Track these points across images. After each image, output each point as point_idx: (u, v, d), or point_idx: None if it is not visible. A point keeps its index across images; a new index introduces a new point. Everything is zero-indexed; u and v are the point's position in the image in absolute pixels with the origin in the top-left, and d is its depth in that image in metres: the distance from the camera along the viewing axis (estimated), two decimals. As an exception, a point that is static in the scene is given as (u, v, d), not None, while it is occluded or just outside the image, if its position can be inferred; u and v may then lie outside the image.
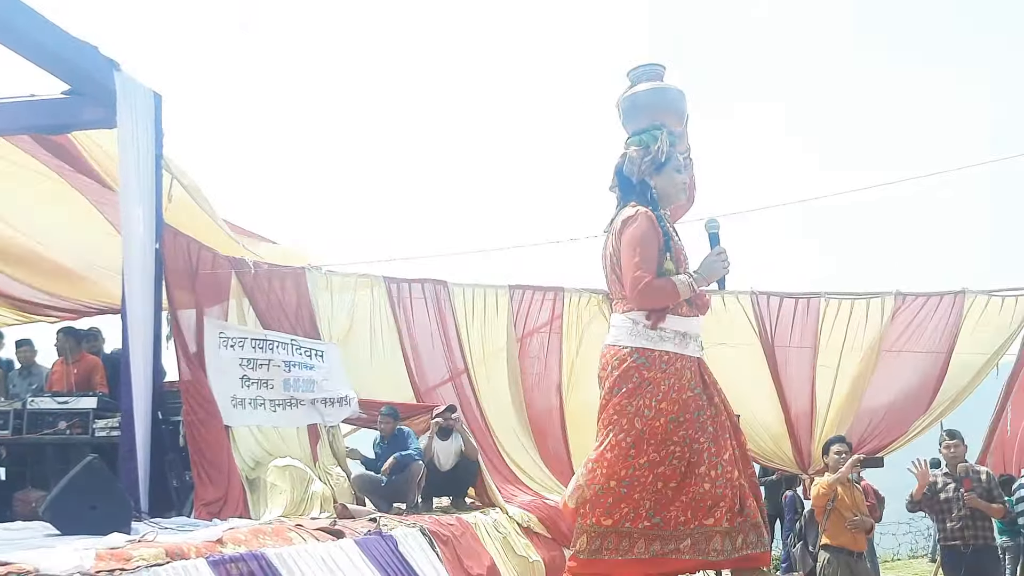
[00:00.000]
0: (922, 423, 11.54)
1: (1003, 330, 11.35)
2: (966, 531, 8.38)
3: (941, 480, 8.64)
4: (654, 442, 4.40)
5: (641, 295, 4.40)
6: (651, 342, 4.43)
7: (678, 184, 4.66)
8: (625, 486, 4.39)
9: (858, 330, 11.40)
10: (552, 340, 11.40)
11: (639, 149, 4.64)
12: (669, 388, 4.44)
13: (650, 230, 4.46)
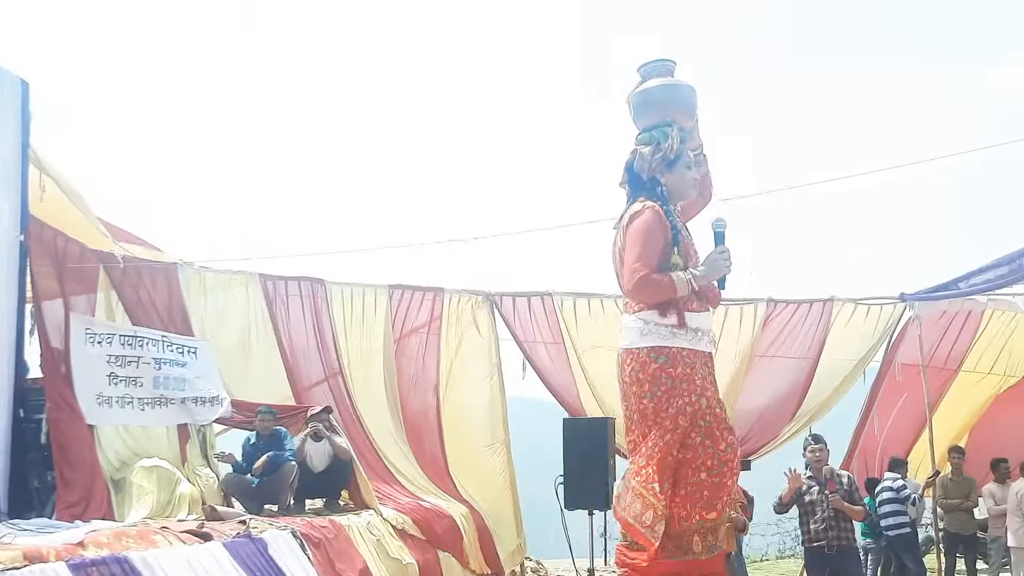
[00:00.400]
0: (792, 427, 11.83)
1: (869, 337, 11.70)
2: (829, 532, 8.59)
3: (806, 483, 8.86)
4: (725, 427, 4.53)
5: (636, 288, 4.40)
6: (664, 339, 4.44)
7: (688, 180, 4.68)
8: (716, 475, 4.44)
9: (732, 335, 11.60)
10: (430, 341, 11.35)
11: (650, 146, 4.65)
12: (702, 382, 4.51)
13: (655, 224, 4.46)
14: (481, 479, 11.22)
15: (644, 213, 4.48)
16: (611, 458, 10.04)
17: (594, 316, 11.64)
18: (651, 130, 4.66)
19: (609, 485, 10.04)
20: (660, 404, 4.41)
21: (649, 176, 4.61)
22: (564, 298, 11.61)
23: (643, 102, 4.74)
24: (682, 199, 4.68)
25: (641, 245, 4.40)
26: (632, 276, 4.38)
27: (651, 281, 4.35)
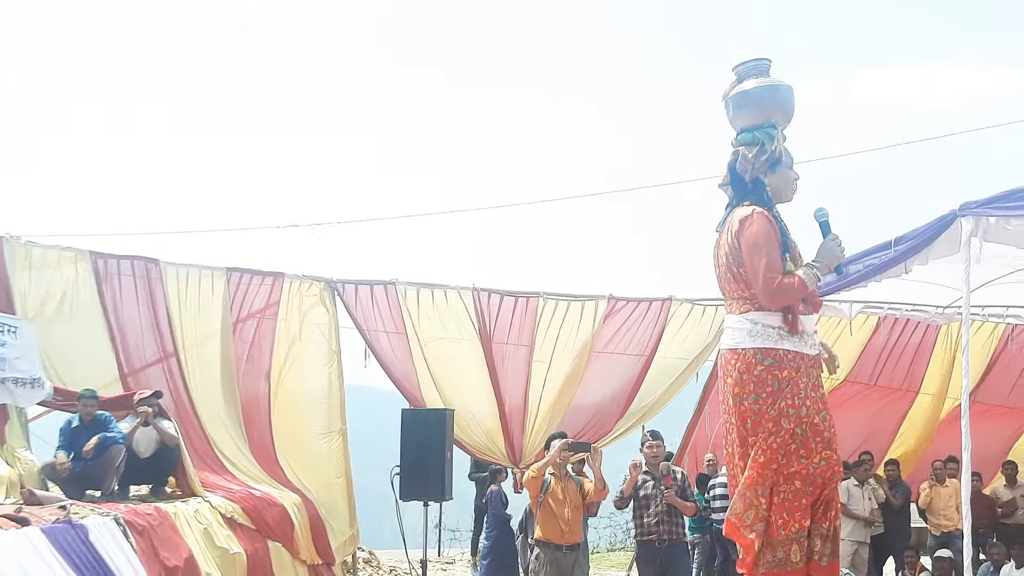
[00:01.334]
0: (627, 423, 12.10)
1: (704, 337, 12.06)
2: (661, 527, 8.75)
3: (641, 477, 9.02)
4: (820, 440, 4.41)
5: (776, 295, 4.34)
6: (772, 341, 4.39)
7: (791, 181, 4.64)
8: (811, 484, 4.39)
9: (572, 330, 11.80)
10: (267, 326, 11.17)
11: (752, 147, 4.59)
12: (807, 385, 4.42)
13: (770, 229, 4.42)
14: (315, 468, 11.11)
15: (755, 219, 4.45)
16: (449, 450, 10.11)
17: (438, 307, 11.67)
18: (753, 130, 4.62)
19: (446, 477, 10.11)
20: (764, 406, 4.36)
21: (752, 177, 4.60)
22: (408, 287, 11.61)
23: (744, 102, 4.68)
24: (783, 201, 4.66)
25: (767, 252, 4.37)
26: (769, 284, 4.34)
27: (786, 285, 4.34)
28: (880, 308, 12.23)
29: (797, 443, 4.36)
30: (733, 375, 4.45)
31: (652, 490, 8.83)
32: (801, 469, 4.37)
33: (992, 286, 11.18)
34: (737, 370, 4.43)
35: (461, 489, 13.94)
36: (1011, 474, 12.92)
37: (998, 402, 14.01)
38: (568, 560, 8.50)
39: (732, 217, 4.56)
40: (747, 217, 4.45)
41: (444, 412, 10.31)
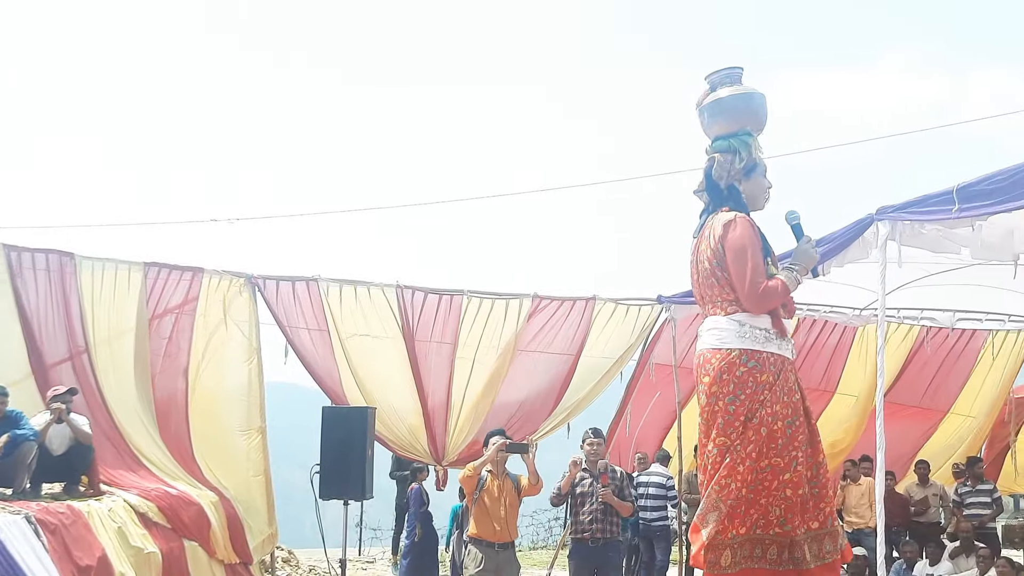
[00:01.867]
0: (552, 421, 12.15)
1: (627, 337, 12.16)
2: (595, 524, 8.73)
3: (579, 475, 8.97)
4: (774, 447, 4.36)
5: (761, 300, 4.39)
6: (758, 343, 4.41)
7: (764, 189, 4.67)
8: (752, 490, 4.34)
9: (496, 328, 11.80)
10: (185, 322, 10.99)
11: (728, 154, 4.62)
12: (782, 391, 4.42)
13: (754, 234, 4.47)
14: (233, 466, 10.95)
15: (739, 223, 4.49)
16: (370, 448, 10.04)
17: (360, 303, 11.58)
18: (728, 138, 4.66)
19: (367, 475, 10.05)
20: (739, 408, 4.37)
21: (727, 184, 4.64)
22: (331, 284, 11.51)
23: (718, 110, 4.72)
24: (756, 208, 4.69)
25: (751, 257, 4.42)
26: (755, 289, 4.39)
27: (770, 290, 4.39)
28: (799, 309, 12.43)
29: (769, 446, 4.37)
30: (712, 374, 4.46)
31: (589, 488, 8.81)
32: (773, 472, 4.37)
33: (907, 289, 11.43)
34: (717, 369, 4.44)
35: (383, 488, 13.90)
36: (923, 473, 13.21)
37: (912, 402, 14.35)
38: (501, 558, 8.52)
39: (714, 223, 4.59)
40: (731, 222, 4.50)
41: (365, 410, 10.24)
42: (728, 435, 4.39)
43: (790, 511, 4.36)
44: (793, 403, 4.45)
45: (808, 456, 4.47)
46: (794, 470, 4.39)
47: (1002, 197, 7.36)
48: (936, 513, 13.10)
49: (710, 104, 4.75)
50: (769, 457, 4.37)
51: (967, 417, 14.62)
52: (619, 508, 8.80)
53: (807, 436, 4.47)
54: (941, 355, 13.88)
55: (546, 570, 14.11)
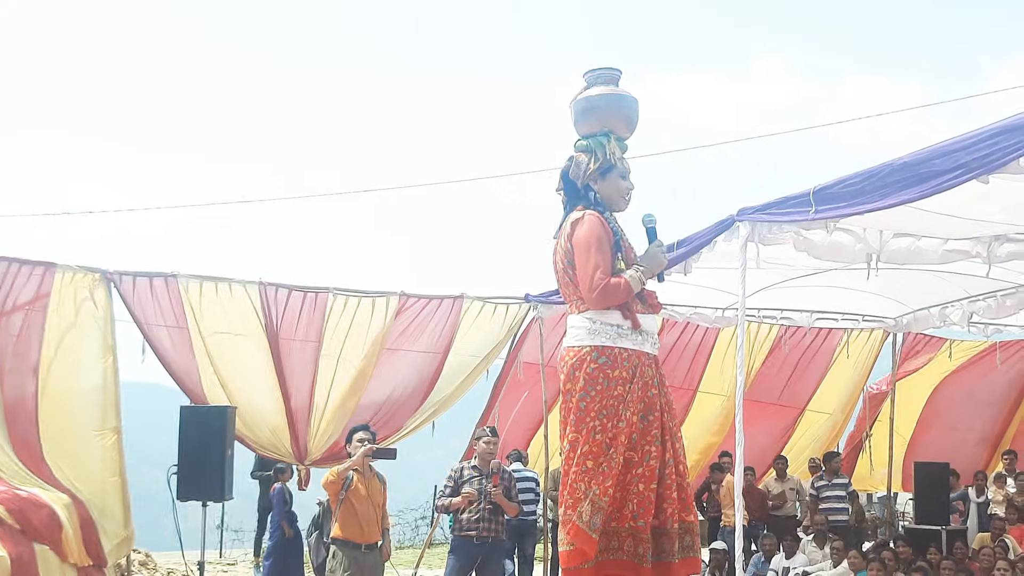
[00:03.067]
0: (417, 420, 12.08)
1: (495, 335, 12.17)
2: (482, 524, 8.72)
3: (468, 472, 8.97)
4: (627, 442, 4.34)
5: (599, 297, 4.38)
6: (610, 339, 4.40)
7: (622, 191, 4.64)
8: (640, 481, 4.35)
9: (362, 327, 11.66)
10: (35, 319, 10.53)
11: (585, 154, 4.62)
12: (635, 387, 4.40)
13: (601, 232, 4.45)
14: (87, 467, 10.55)
15: (587, 220, 4.50)
16: (229, 448, 9.84)
17: (222, 300, 11.31)
18: (589, 138, 4.67)
19: (226, 476, 9.85)
20: (591, 404, 4.37)
21: (583, 184, 4.64)
22: (190, 280, 11.20)
23: (586, 109, 4.72)
24: (615, 210, 4.69)
25: (595, 254, 4.42)
26: (595, 286, 4.38)
27: (611, 288, 4.39)
28: (664, 310, 12.62)
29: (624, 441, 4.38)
30: (566, 372, 4.50)
31: (478, 486, 8.78)
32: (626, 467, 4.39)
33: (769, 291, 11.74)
34: (570, 367, 4.48)
35: (247, 488, 13.65)
36: (781, 468, 13.60)
37: (772, 400, 14.74)
38: (367, 560, 8.42)
39: (566, 221, 4.64)
40: (579, 220, 4.54)
41: (224, 409, 10.02)
42: (580, 431, 4.41)
43: (642, 506, 4.38)
44: (648, 398, 4.49)
45: (662, 452, 4.50)
46: (647, 464, 4.42)
47: (856, 200, 7.60)
48: (793, 507, 13.50)
49: (581, 101, 4.78)
50: (623, 453, 4.38)
51: (824, 414, 15.09)
52: (507, 509, 8.86)
53: (660, 432, 4.50)
54: (798, 353, 14.27)
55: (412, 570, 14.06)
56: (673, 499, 4.50)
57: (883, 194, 7.27)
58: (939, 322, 12.97)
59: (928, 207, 7.74)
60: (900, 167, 7.13)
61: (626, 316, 4.47)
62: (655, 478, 4.43)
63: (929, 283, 11.23)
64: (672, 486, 4.51)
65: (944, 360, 15.37)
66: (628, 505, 4.40)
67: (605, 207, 4.65)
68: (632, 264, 4.58)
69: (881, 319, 13.65)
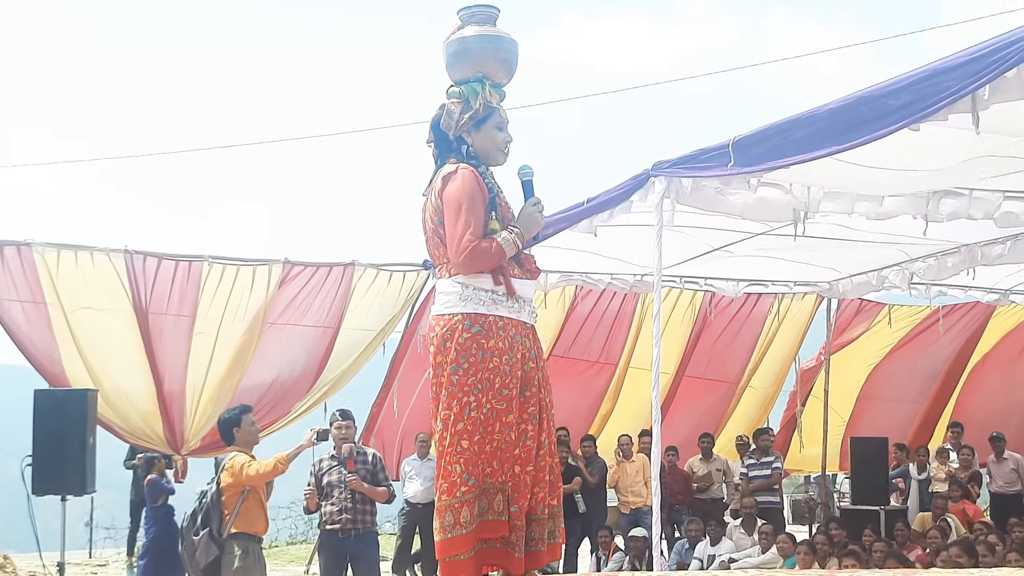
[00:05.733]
0: (307, 401, 11.89)
1: (391, 306, 12.00)
2: (345, 515, 8.52)
3: (327, 463, 8.77)
4: (504, 420, 4.20)
5: (467, 261, 4.20)
6: (484, 306, 4.24)
7: (499, 143, 4.45)
8: (480, 472, 4.21)
9: (242, 299, 11.40)
10: None
11: (458, 102, 4.43)
12: (512, 359, 4.24)
13: (475, 187, 4.26)
14: (-70, 461, 10.25)
15: (459, 175, 4.30)
16: (91, 436, 9.54)
17: (83, 271, 10.97)
18: (462, 84, 4.47)
19: (87, 467, 9.56)
20: (463, 377, 4.19)
21: (455, 135, 4.45)
22: (47, 249, 10.84)
23: (459, 51, 4.50)
24: (492, 164, 4.49)
25: (466, 212, 4.23)
26: (462, 249, 4.20)
27: (481, 251, 4.20)
28: (576, 277, 12.55)
29: (498, 418, 4.24)
30: (436, 342, 4.32)
31: (337, 476, 8.60)
32: (501, 446, 4.24)
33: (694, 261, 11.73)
34: (441, 337, 4.29)
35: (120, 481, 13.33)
36: (707, 447, 13.62)
37: (703, 374, 14.78)
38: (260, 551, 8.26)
39: (437, 176, 4.46)
40: (451, 174, 4.36)
41: (84, 393, 9.69)
42: (452, 408, 4.25)
43: (517, 490, 4.27)
44: (526, 371, 4.35)
45: (539, 432, 4.39)
46: (523, 444, 4.29)
47: (778, 152, 7.52)
48: (719, 489, 13.54)
49: (453, 42, 4.57)
50: (498, 431, 4.26)
51: (754, 388, 15.16)
52: (372, 495, 8.62)
53: (537, 409, 4.40)
54: (725, 321, 14.27)
55: (304, 565, 13.93)
56: (545, 483, 4.38)
57: (807, 146, 7.20)
58: (877, 285, 13.03)
59: (859, 160, 7.71)
60: (825, 115, 7.06)
61: (499, 282, 4.30)
62: (531, 460, 4.30)
63: (864, 246, 11.27)
64: (545, 468, 4.39)
65: (884, 329, 15.45)
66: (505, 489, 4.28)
67: (480, 161, 4.47)
68: (508, 223, 4.44)
69: (815, 284, 13.70)
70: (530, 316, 4.42)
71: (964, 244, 11.20)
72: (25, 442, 9.55)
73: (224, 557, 7.92)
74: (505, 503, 4.24)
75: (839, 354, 15.11)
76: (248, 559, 8.07)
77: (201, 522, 9.44)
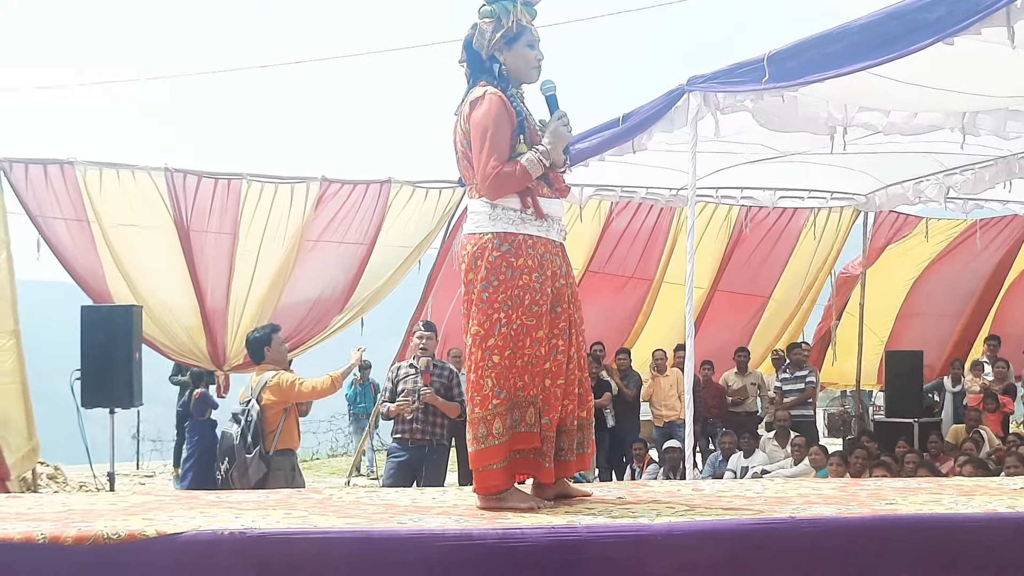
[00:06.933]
0: (343, 318, 12.07)
1: (427, 222, 12.14)
2: (415, 425, 8.68)
3: (404, 370, 8.90)
4: (534, 336, 4.32)
5: (492, 186, 4.28)
6: (513, 225, 4.32)
7: (530, 61, 4.50)
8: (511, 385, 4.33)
9: (281, 217, 11.57)
10: None
11: (490, 21, 4.45)
12: (542, 276, 4.34)
13: (501, 112, 4.33)
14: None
15: (486, 100, 4.36)
16: (136, 351, 9.78)
17: (125, 190, 11.17)
18: (493, 3, 4.50)
19: (134, 381, 9.81)
20: (494, 295, 4.29)
21: (488, 55, 4.49)
22: (89, 167, 11.03)
23: None
24: (523, 82, 4.55)
25: (491, 138, 4.30)
26: (487, 175, 4.29)
27: (504, 176, 4.29)
28: (613, 191, 12.62)
29: (528, 334, 4.35)
30: (467, 261, 4.41)
31: (413, 386, 8.73)
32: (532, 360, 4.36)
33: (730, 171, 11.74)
34: (471, 255, 4.39)
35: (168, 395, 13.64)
36: (743, 361, 13.75)
37: (739, 289, 14.84)
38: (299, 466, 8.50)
39: (466, 99, 4.52)
40: (479, 98, 4.42)
41: (129, 309, 9.91)
42: (483, 325, 4.38)
43: (547, 402, 4.42)
44: (556, 288, 4.47)
45: (568, 346, 4.53)
46: (553, 359, 4.42)
47: (813, 67, 7.55)
48: (753, 403, 13.70)
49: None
50: (528, 346, 4.40)
51: (789, 302, 15.21)
52: (444, 409, 8.71)
53: (567, 325, 4.53)
54: (760, 235, 14.31)
55: (345, 477, 14.21)
56: (574, 395, 4.52)
57: (841, 60, 7.23)
58: (913, 198, 12.97)
59: (894, 75, 7.73)
60: (857, 29, 7.07)
61: (527, 204, 4.39)
62: (561, 374, 4.43)
63: (901, 157, 11.26)
64: (574, 382, 4.53)
65: (920, 242, 15.45)
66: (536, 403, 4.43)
67: (512, 80, 4.54)
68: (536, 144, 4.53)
69: (851, 196, 13.67)
70: (559, 234, 4.50)
71: (1001, 156, 11.16)
72: (72, 358, 9.78)
73: (271, 474, 8.03)
74: (537, 415, 4.37)
75: (875, 269, 15.12)
76: (294, 474, 8.30)
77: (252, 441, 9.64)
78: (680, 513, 3.92)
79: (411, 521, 3.80)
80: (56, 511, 4.01)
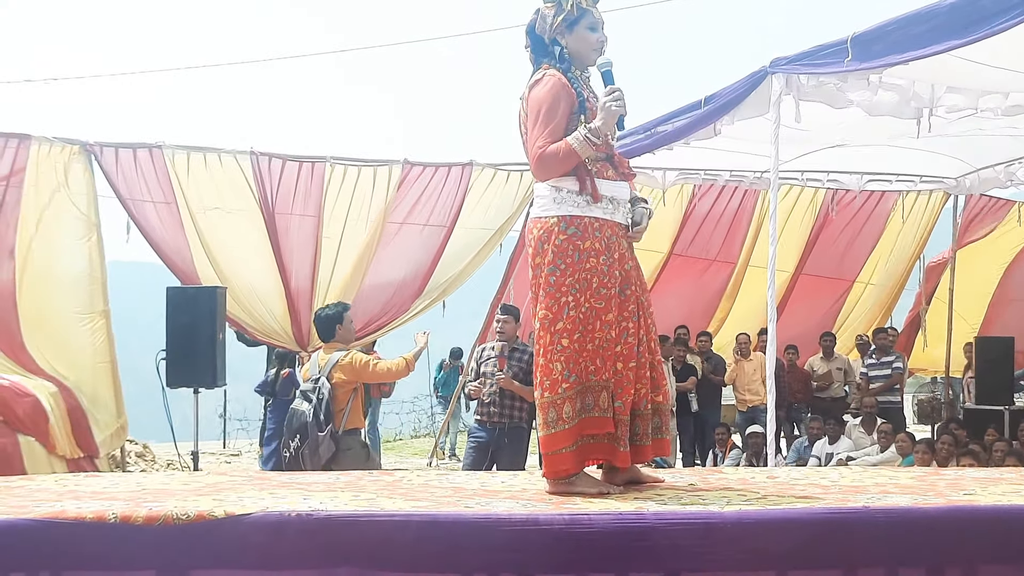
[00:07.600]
0: (424, 301, 12.13)
1: (508, 205, 12.14)
2: (493, 408, 8.75)
3: (488, 352, 8.99)
4: (604, 319, 4.33)
5: (539, 165, 4.32)
6: (578, 208, 4.33)
7: (592, 43, 4.52)
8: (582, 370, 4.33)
9: (364, 200, 11.64)
10: (11, 196, 10.56)
11: (551, 5, 4.51)
12: (609, 259, 4.36)
13: (560, 91, 4.36)
14: (73, 353, 10.73)
15: (544, 82, 4.41)
16: (220, 332, 9.92)
17: (212, 173, 11.33)
18: None
19: (217, 360, 9.96)
20: (561, 278, 4.31)
21: (550, 39, 4.54)
22: (176, 151, 11.20)
23: None
24: (585, 64, 4.57)
25: (544, 118, 4.33)
26: (533, 155, 4.34)
27: (549, 155, 4.30)
28: (696, 175, 12.49)
29: (598, 316, 4.34)
30: (534, 244, 4.44)
31: (493, 368, 8.80)
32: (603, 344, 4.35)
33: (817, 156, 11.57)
34: (538, 239, 4.41)
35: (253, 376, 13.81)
36: (828, 346, 13.55)
37: (825, 273, 14.64)
38: None
39: (528, 83, 4.54)
40: (537, 80, 4.46)
41: (214, 290, 10.05)
42: (551, 308, 4.37)
43: (620, 386, 4.39)
44: (624, 271, 4.45)
45: (638, 329, 4.49)
46: (624, 342, 4.40)
47: (897, 48, 7.39)
48: (840, 388, 13.50)
49: None
50: (598, 330, 4.38)
51: (876, 286, 14.97)
52: (522, 393, 8.67)
53: (636, 308, 4.49)
54: (846, 218, 14.09)
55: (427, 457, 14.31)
56: (646, 379, 4.48)
57: (927, 41, 7.06)
58: (1007, 181, 12.70)
59: (982, 59, 7.55)
60: (946, 9, 6.91)
61: (584, 187, 4.37)
62: (633, 357, 4.41)
63: (992, 140, 10.99)
64: (645, 365, 4.49)
65: (1013, 227, 15.10)
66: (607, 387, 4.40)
67: (574, 63, 4.54)
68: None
69: (940, 179, 13.37)
70: (624, 217, 4.47)
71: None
72: (159, 338, 9.95)
73: (341, 453, 8.04)
74: (610, 400, 4.34)
75: (967, 255, 14.79)
76: (365, 452, 8.37)
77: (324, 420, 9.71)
78: (751, 501, 3.87)
79: (478, 505, 3.80)
80: (130, 491, 4.08)
